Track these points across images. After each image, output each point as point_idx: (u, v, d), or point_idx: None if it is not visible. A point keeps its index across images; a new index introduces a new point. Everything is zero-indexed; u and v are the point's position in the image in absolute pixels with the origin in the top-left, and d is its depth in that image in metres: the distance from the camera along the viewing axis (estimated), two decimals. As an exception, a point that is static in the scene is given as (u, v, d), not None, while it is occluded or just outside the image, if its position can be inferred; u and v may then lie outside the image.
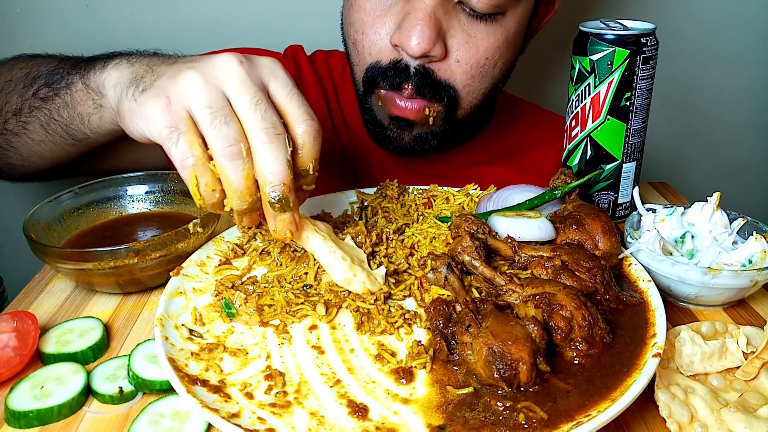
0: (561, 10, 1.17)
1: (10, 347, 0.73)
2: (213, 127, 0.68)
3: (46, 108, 0.92)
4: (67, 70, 0.91)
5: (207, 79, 0.69)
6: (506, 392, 0.63)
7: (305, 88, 1.26)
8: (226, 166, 0.69)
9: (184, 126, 0.69)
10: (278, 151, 0.69)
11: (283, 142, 0.70)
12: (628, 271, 0.84)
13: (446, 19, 0.97)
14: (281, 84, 0.73)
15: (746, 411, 0.64)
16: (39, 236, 0.87)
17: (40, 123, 0.93)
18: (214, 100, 0.69)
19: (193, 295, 0.81)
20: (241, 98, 0.69)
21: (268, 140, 0.69)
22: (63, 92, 0.89)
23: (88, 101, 0.86)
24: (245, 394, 0.65)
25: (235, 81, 0.70)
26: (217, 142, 0.68)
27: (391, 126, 1.06)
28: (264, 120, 0.69)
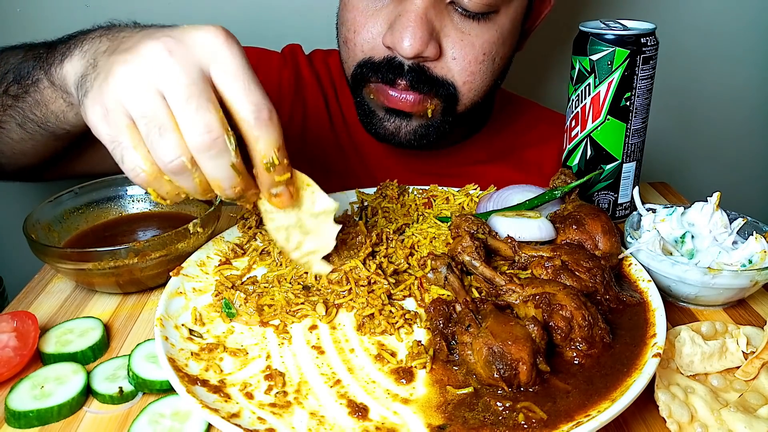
0: (561, 10, 1.17)
1: (10, 347, 0.73)
2: (150, 141, 0.62)
3: (18, 107, 0.88)
4: (32, 62, 0.86)
5: (138, 78, 0.62)
6: (506, 392, 0.63)
7: (303, 87, 1.25)
8: (175, 179, 0.65)
9: (126, 138, 0.63)
10: (219, 158, 0.63)
11: (222, 146, 0.63)
12: (628, 271, 0.84)
13: (438, 19, 0.97)
14: (222, 66, 0.63)
15: (746, 411, 0.64)
16: (39, 236, 0.87)
17: (16, 122, 0.90)
18: (146, 106, 0.62)
19: (193, 295, 0.81)
20: (171, 96, 0.62)
21: (204, 147, 0.62)
22: (32, 90, 0.85)
23: (58, 99, 0.83)
24: (245, 394, 0.65)
25: (165, 76, 0.62)
26: (158, 159, 0.63)
27: (388, 117, 1.06)
28: (195, 123, 0.61)
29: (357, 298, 0.78)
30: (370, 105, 1.07)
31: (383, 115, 1.06)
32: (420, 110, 1.03)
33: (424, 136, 1.07)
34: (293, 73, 1.25)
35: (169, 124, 0.62)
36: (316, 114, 1.25)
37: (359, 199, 1.03)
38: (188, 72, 0.62)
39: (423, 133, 1.07)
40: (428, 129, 1.06)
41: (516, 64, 1.13)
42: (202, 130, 0.61)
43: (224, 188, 0.66)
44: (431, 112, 1.04)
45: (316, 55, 1.31)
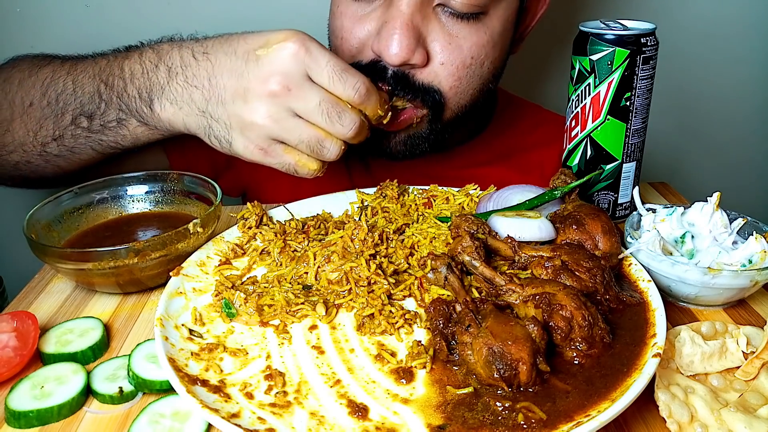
0: (561, 10, 1.16)
1: (10, 347, 0.73)
2: (328, 116, 0.86)
3: (97, 139, 0.96)
4: (97, 102, 0.94)
5: (270, 116, 0.86)
6: (506, 392, 0.63)
7: None
8: (362, 105, 0.89)
9: (289, 159, 0.90)
10: (371, 98, 0.89)
11: (374, 93, 0.89)
12: (628, 271, 0.84)
13: (425, 23, 0.97)
14: (317, 69, 0.84)
15: (746, 411, 0.64)
16: (39, 236, 0.87)
17: (92, 148, 0.97)
18: (304, 107, 0.86)
19: (193, 295, 0.81)
20: (310, 102, 0.85)
21: (362, 94, 0.87)
22: (115, 127, 0.94)
23: (155, 134, 0.95)
24: (245, 394, 0.65)
25: (296, 104, 0.85)
26: (346, 95, 0.87)
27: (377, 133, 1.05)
28: (347, 87, 0.86)
29: (357, 298, 0.78)
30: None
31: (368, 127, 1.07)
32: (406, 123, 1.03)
33: (415, 146, 1.07)
34: None
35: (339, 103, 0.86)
36: None
37: (359, 199, 1.03)
38: (308, 89, 0.86)
39: (413, 143, 1.07)
40: (418, 139, 1.06)
41: (516, 64, 1.13)
42: (354, 86, 0.86)
43: (376, 110, 0.90)
44: (416, 123, 1.04)
45: None
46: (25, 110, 0.97)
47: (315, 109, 0.84)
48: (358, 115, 0.88)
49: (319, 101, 0.84)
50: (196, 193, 0.99)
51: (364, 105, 0.88)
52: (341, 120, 0.86)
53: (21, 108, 0.98)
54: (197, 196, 0.99)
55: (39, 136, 0.97)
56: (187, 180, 0.99)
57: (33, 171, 1.02)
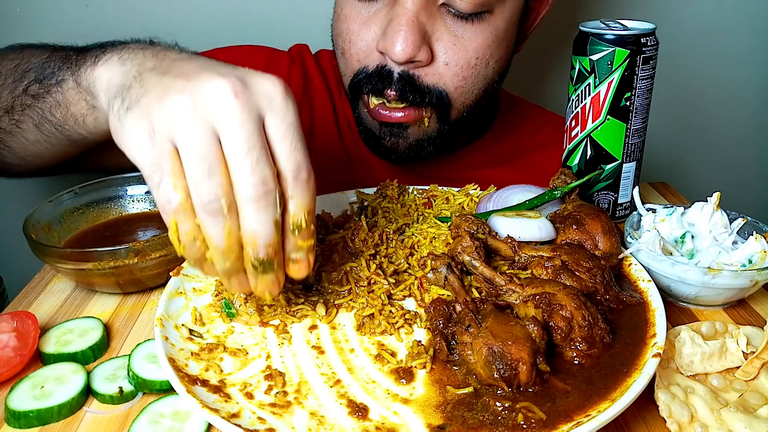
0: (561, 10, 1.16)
1: (10, 347, 0.73)
2: (195, 177, 0.60)
3: (38, 106, 0.86)
4: (58, 63, 0.85)
5: (197, 111, 0.61)
6: (506, 392, 0.63)
7: (311, 87, 1.25)
8: (205, 221, 0.62)
9: (168, 164, 0.61)
10: (265, 212, 0.62)
11: (272, 201, 0.62)
12: (628, 271, 0.84)
13: (430, 22, 0.97)
14: (278, 118, 0.63)
15: (746, 411, 0.64)
16: (39, 236, 0.87)
17: (33, 122, 0.88)
18: (200, 141, 0.60)
19: (193, 295, 0.81)
20: (232, 141, 0.60)
21: (255, 198, 0.61)
22: (54, 90, 0.83)
23: (80, 101, 0.80)
24: (245, 394, 0.65)
25: (228, 118, 0.60)
26: (198, 196, 0.60)
27: (383, 135, 1.06)
28: (254, 174, 0.60)
29: (357, 298, 0.78)
30: (367, 122, 1.08)
31: (378, 132, 1.07)
32: (415, 120, 1.03)
33: (422, 148, 1.07)
34: (301, 73, 1.25)
35: (219, 167, 0.61)
36: (323, 115, 1.25)
37: (359, 199, 1.03)
38: (252, 119, 0.61)
39: (420, 145, 1.07)
40: (425, 141, 1.06)
41: (516, 64, 1.13)
42: (257, 182, 0.61)
43: (259, 245, 0.63)
44: (427, 122, 1.04)
45: (323, 56, 1.30)
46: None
47: (244, 140, 0.61)
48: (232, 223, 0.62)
49: (251, 141, 0.61)
50: (196, 193, 0.99)
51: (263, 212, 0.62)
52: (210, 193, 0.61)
53: None
54: (197, 196, 0.99)
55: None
56: (187, 180, 0.99)
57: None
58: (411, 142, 1.06)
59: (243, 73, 0.64)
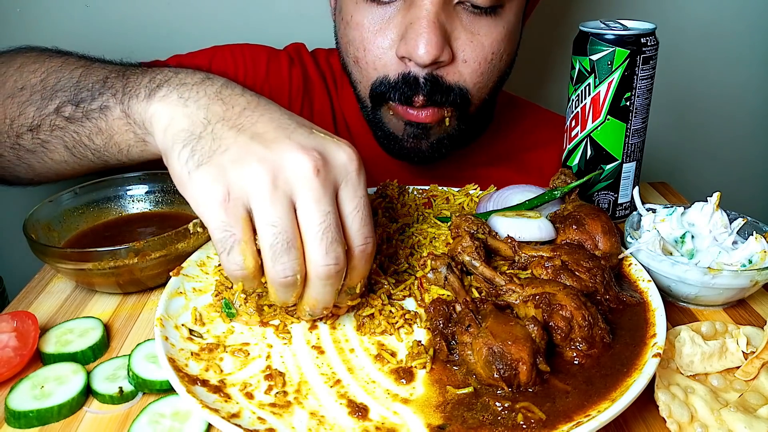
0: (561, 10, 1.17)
1: (10, 347, 0.73)
2: (272, 251, 0.62)
3: (72, 130, 0.82)
4: (98, 88, 0.80)
5: (276, 182, 0.61)
6: (505, 392, 0.63)
7: (311, 87, 1.25)
8: (278, 290, 0.65)
9: (240, 231, 0.62)
10: (332, 286, 0.65)
11: (339, 278, 0.65)
12: (628, 271, 0.84)
13: (449, 21, 0.97)
14: (351, 192, 0.65)
15: (746, 411, 0.64)
16: (39, 236, 0.87)
17: (64, 144, 0.84)
18: (279, 217, 0.61)
19: (193, 295, 0.81)
20: (308, 218, 0.62)
21: (325, 276, 0.63)
22: (96, 116, 0.79)
23: (128, 133, 0.77)
24: (245, 394, 0.65)
25: (307, 195, 0.62)
26: (273, 271, 0.63)
27: (406, 137, 1.06)
28: (327, 256, 0.62)
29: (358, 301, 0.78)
30: (390, 126, 1.07)
31: (402, 133, 1.06)
32: (438, 119, 1.03)
33: (443, 146, 1.07)
34: (301, 73, 1.25)
35: (296, 243, 0.62)
36: (322, 114, 1.25)
37: (359, 199, 1.03)
38: (328, 195, 0.63)
39: (441, 144, 1.07)
40: (446, 140, 1.07)
41: (516, 64, 1.13)
42: (332, 262, 0.63)
43: (317, 308, 0.68)
44: (448, 121, 1.04)
45: (320, 54, 1.30)
46: (13, 94, 0.87)
47: (321, 221, 0.62)
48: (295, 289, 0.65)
49: (327, 222, 0.63)
50: (196, 193, 0.99)
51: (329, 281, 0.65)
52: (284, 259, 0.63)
53: (10, 91, 0.88)
54: (197, 196, 0.99)
55: (15, 125, 0.86)
56: (187, 180, 0.99)
57: (4, 167, 0.94)
58: (432, 141, 1.06)
59: (322, 145, 0.65)
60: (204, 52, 1.22)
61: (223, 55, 1.21)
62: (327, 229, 0.62)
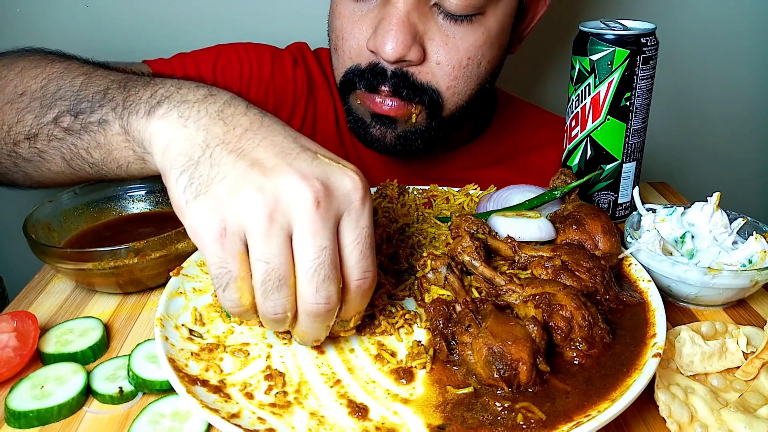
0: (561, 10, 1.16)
1: (10, 347, 0.73)
2: (264, 288, 0.60)
3: (71, 142, 0.79)
4: (98, 99, 0.76)
5: (273, 215, 0.58)
6: (505, 392, 0.63)
7: (315, 86, 1.26)
8: (268, 324, 0.64)
9: (236, 268, 0.60)
10: (322, 324, 0.64)
11: (330, 316, 0.63)
12: (628, 271, 0.84)
13: (422, 21, 0.97)
14: (353, 223, 0.62)
15: (746, 411, 0.64)
16: (39, 236, 0.87)
17: (62, 156, 0.80)
18: (272, 252, 0.59)
19: (193, 295, 0.81)
20: (303, 253, 0.59)
21: (315, 314, 0.61)
22: (94, 130, 0.76)
23: (127, 150, 0.74)
24: (245, 394, 0.65)
25: (304, 228, 0.59)
26: (264, 307, 0.61)
27: (373, 124, 1.06)
28: (318, 293, 0.60)
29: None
30: (358, 112, 1.08)
31: (369, 121, 1.06)
32: (404, 114, 1.03)
33: (411, 142, 1.07)
34: (305, 72, 1.25)
35: (289, 280, 0.60)
36: (325, 114, 1.25)
37: (359, 199, 1.03)
38: (327, 229, 0.59)
39: (409, 138, 1.06)
40: (413, 135, 1.06)
41: (516, 64, 1.13)
42: (322, 301, 0.60)
43: (307, 342, 0.68)
44: (415, 118, 1.04)
45: (322, 54, 1.30)
46: (12, 100, 0.84)
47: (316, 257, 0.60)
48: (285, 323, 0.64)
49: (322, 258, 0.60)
50: (196, 193, 0.99)
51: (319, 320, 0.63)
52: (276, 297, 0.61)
53: (9, 96, 0.85)
54: (197, 196, 0.99)
55: (12, 132, 0.83)
56: (187, 180, 0.99)
57: (1, 173, 0.90)
58: (399, 133, 1.06)
59: (326, 173, 0.61)
60: (208, 51, 1.22)
61: (228, 55, 1.21)
62: (320, 266, 0.59)
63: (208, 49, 1.23)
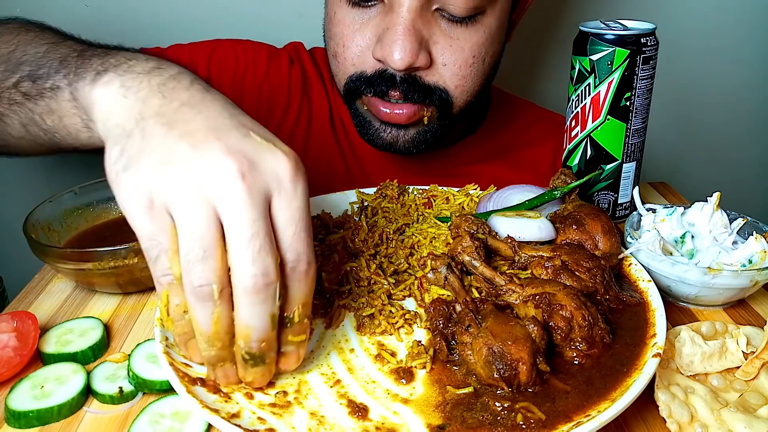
0: (561, 10, 1.16)
1: (10, 347, 0.73)
2: (187, 258, 0.57)
3: (27, 107, 0.79)
4: (55, 65, 0.76)
5: (198, 189, 0.57)
6: (505, 392, 0.63)
7: (310, 85, 1.26)
8: (193, 304, 0.58)
9: (166, 240, 0.58)
10: (263, 305, 0.58)
11: (272, 294, 0.58)
12: (628, 271, 0.84)
13: (426, 27, 0.97)
14: (285, 203, 0.59)
15: (746, 411, 0.64)
16: (39, 236, 0.87)
17: (20, 120, 0.81)
18: (198, 223, 0.56)
19: (193, 295, 0.81)
20: (233, 226, 0.57)
21: (253, 290, 0.57)
22: (48, 95, 0.76)
23: (75, 116, 0.74)
24: (245, 394, 0.65)
25: (231, 201, 0.56)
26: (188, 278, 0.57)
27: (384, 128, 1.06)
28: (254, 265, 0.56)
29: (357, 298, 0.78)
30: (366, 116, 1.08)
31: (379, 125, 1.07)
32: (416, 118, 1.04)
33: (423, 142, 1.08)
34: (300, 71, 1.26)
35: (215, 251, 0.57)
36: (320, 113, 1.25)
37: (359, 199, 1.03)
38: (256, 204, 0.57)
39: (421, 139, 1.07)
40: (426, 135, 1.07)
41: (516, 64, 1.13)
42: (258, 273, 0.56)
43: (252, 338, 0.59)
44: (427, 119, 1.04)
45: (318, 53, 1.31)
46: None
47: (247, 228, 0.56)
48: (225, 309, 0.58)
49: (254, 228, 0.57)
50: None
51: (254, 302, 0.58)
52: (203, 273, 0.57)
53: None
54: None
55: None
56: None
57: None
58: (411, 135, 1.07)
59: (254, 150, 0.59)
60: (205, 44, 1.23)
61: (225, 50, 1.22)
62: (254, 236, 0.56)
63: (206, 43, 1.23)
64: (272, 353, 0.62)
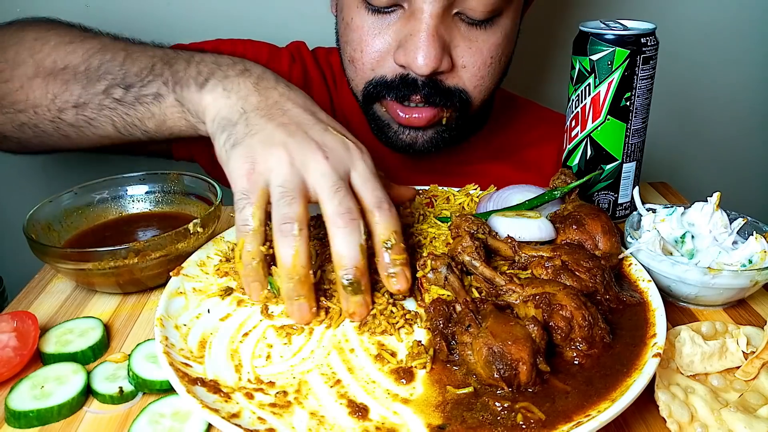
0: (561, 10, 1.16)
1: (10, 347, 0.73)
2: (277, 204, 0.72)
3: (124, 112, 0.89)
4: (146, 74, 0.88)
5: (294, 163, 0.73)
6: (505, 392, 0.63)
7: (311, 83, 1.26)
8: (277, 239, 0.71)
9: (255, 197, 0.73)
10: (352, 236, 0.71)
11: (357, 227, 0.72)
12: (628, 271, 0.84)
13: (447, 32, 0.98)
14: (360, 172, 0.76)
15: (746, 411, 0.64)
16: (39, 236, 0.87)
17: (113, 123, 0.90)
18: (289, 182, 0.72)
19: (193, 295, 0.81)
20: (321, 186, 0.72)
21: (342, 224, 0.71)
22: (149, 102, 0.87)
23: (181, 120, 0.87)
24: (245, 394, 0.65)
25: (318, 172, 0.73)
26: (275, 217, 0.71)
27: (403, 130, 1.08)
28: (341, 205, 0.72)
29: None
30: (384, 118, 1.09)
31: (398, 128, 1.08)
32: (434, 121, 1.05)
33: (441, 141, 1.09)
34: (302, 70, 1.26)
35: (300, 200, 0.72)
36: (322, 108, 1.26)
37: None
38: (337, 172, 0.74)
39: (439, 139, 1.09)
40: (443, 134, 1.08)
41: (516, 64, 1.14)
42: (344, 211, 0.72)
43: (347, 266, 0.72)
44: (446, 120, 1.06)
45: (320, 53, 1.31)
46: (55, 72, 0.91)
47: (331, 184, 0.73)
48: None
49: (337, 185, 0.73)
50: (196, 194, 0.99)
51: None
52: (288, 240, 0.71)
53: (50, 68, 0.92)
54: (197, 196, 0.99)
55: (58, 100, 0.91)
56: (187, 180, 1.00)
57: (37, 136, 0.96)
58: (430, 136, 1.08)
59: (332, 140, 0.76)
60: (206, 44, 1.23)
61: (225, 49, 1.22)
62: (337, 189, 0.72)
63: (206, 42, 1.24)
64: (366, 281, 0.73)
